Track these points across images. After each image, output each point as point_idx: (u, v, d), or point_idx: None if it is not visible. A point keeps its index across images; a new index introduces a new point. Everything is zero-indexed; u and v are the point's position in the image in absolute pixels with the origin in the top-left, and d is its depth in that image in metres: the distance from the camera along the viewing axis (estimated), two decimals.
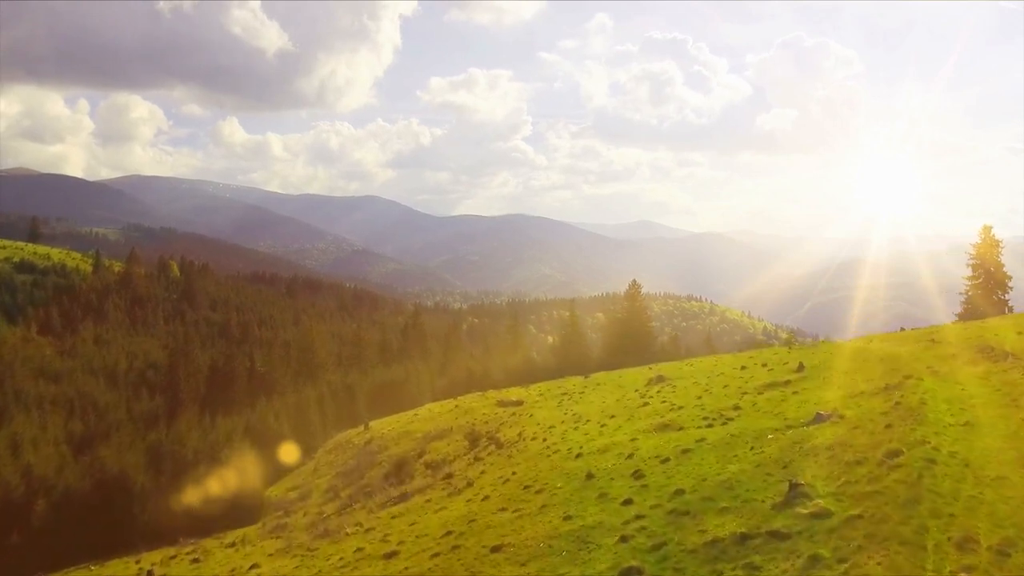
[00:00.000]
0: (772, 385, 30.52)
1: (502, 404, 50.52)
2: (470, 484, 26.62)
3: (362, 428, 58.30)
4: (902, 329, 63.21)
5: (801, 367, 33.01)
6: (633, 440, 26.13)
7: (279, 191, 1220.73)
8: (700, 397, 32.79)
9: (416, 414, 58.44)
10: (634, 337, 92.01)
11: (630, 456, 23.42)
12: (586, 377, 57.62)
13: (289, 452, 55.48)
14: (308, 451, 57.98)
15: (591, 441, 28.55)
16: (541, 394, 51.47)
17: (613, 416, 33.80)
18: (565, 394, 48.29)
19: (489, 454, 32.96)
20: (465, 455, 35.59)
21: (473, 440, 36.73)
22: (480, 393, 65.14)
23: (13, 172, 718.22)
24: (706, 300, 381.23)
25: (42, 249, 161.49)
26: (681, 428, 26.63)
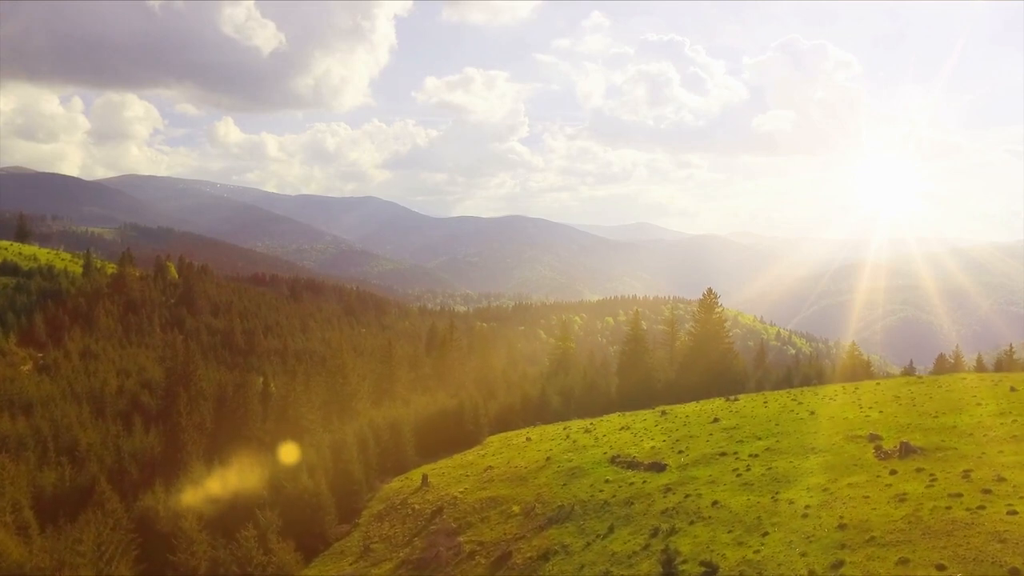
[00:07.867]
0: None
1: (624, 464, 37.02)
2: None
3: (420, 484, 44.91)
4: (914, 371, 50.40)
5: None
6: None
7: (276, 191, 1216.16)
8: None
9: (488, 466, 44.90)
10: (710, 355, 78.98)
11: None
12: (712, 421, 43.46)
13: (329, 521, 42.12)
14: (350, 514, 44.56)
15: None
16: (680, 452, 36.93)
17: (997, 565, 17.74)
18: (723, 454, 34.27)
19: None
20: None
21: (667, 563, 22.85)
22: (561, 429, 51.98)
23: (8, 171, 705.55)
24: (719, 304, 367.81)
25: (28, 249, 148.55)
26: None
